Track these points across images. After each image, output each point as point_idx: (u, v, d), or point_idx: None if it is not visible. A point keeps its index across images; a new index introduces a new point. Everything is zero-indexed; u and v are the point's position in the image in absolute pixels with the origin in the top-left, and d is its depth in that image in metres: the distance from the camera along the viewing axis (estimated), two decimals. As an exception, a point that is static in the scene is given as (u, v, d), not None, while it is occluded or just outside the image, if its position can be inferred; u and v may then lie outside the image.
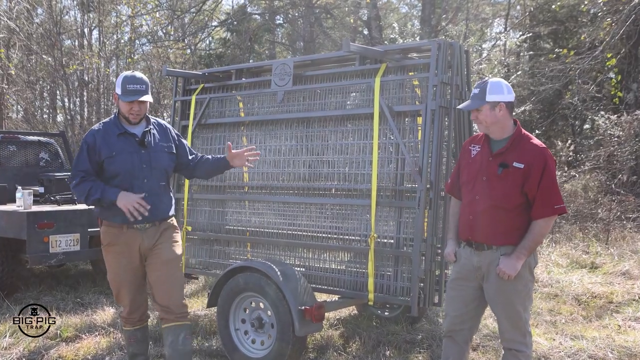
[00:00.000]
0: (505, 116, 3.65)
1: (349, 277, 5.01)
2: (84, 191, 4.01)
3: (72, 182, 4.09)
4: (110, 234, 4.15)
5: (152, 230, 4.17)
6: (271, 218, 5.53)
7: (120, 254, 4.16)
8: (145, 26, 18.51)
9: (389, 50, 5.00)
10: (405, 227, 4.75)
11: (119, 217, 4.04)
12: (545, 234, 3.64)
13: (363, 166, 4.96)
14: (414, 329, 5.70)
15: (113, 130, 4.12)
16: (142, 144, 4.14)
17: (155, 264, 4.16)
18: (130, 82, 4.02)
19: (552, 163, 3.58)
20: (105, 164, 4.06)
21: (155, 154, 4.18)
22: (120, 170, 4.05)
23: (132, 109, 4.07)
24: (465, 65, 5.01)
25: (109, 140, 4.08)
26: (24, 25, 16.69)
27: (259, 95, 5.72)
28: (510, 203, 3.60)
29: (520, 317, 3.68)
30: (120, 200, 3.94)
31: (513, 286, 3.63)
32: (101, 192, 3.97)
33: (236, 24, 17.49)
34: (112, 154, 4.04)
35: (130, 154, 4.08)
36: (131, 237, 4.12)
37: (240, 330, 4.98)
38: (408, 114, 4.82)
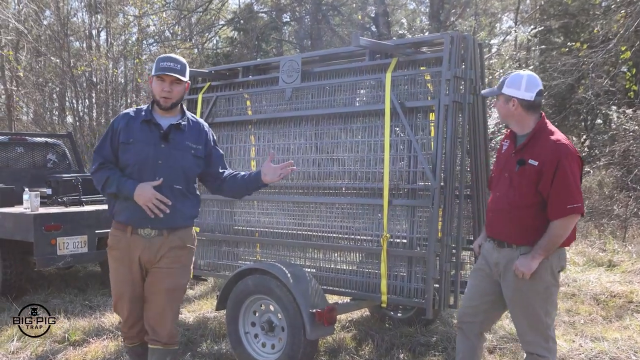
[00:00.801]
0: (521, 113, 3.55)
1: (361, 278, 4.87)
2: (101, 180, 3.62)
3: (92, 167, 3.72)
4: (113, 237, 3.73)
5: (158, 241, 3.65)
6: (280, 218, 5.41)
7: (119, 262, 3.71)
8: (152, 26, 18.45)
9: (400, 45, 4.86)
10: (418, 226, 4.61)
11: (123, 215, 3.64)
12: (564, 235, 3.44)
13: (374, 164, 4.82)
14: (428, 331, 5.56)
15: (140, 116, 3.69)
16: (164, 138, 3.64)
17: (154, 287, 3.69)
18: (164, 60, 3.63)
19: (569, 160, 3.40)
20: (119, 150, 3.64)
21: (176, 151, 3.66)
22: (131, 161, 3.61)
23: (164, 89, 3.59)
24: (479, 59, 4.87)
25: (131, 126, 3.65)
26: (32, 28, 16.67)
27: (266, 92, 5.59)
28: (526, 202, 3.50)
29: (540, 321, 3.54)
30: (139, 197, 3.50)
31: (531, 286, 3.51)
32: (117, 186, 3.56)
33: (243, 23, 17.38)
34: (128, 140, 3.61)
35: (147, 145, 3.61)
36: (133, 244, 3.64)
37: (250, 333, 4.85)
38: (420, 110, 4.68)
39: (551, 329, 3.59)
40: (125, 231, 3.65)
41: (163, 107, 3.64)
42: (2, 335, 5.65)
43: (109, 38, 19.71)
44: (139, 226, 3.63)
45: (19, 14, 16.73)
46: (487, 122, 5.08)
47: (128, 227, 3.64)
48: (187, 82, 3.71)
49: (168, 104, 3.63)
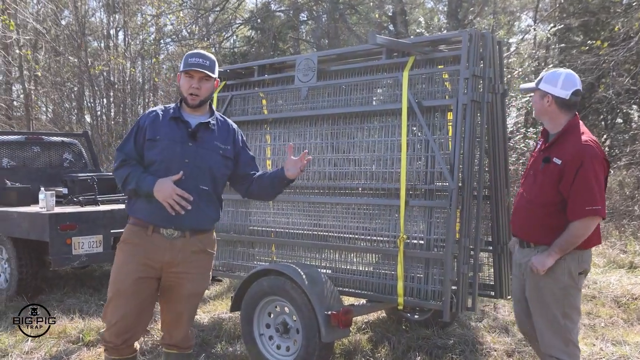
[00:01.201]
0: (555, 110, 3.54)
1: (377, 279, 4.80)
2: (122, 177, 3.45)
3: (114, 163, 3.56)
4: (131, 231, 3.52)
5: (180, 243, 3.48)
6: (296, 218, 5.34)
7: (131, 256, 3.47)
8: (169, 26, 18.49)
9: (417, 43, 4.79)
10: (435, 227, 4.54)
11: (144, 213, 3.45)
12: (581, 236, 3.38)
13: (391, 164, 4.75)
14: (445, 334, 5.47)
15: (167, 113, 3.56)
16: (192, 136, 3.51)
17: (173, 292, 3.56)
18: (193, 56, 3.51)
19: (593, 161, 3.35)
20: (145, 147, 3.48)
21: (204, 151, 3.53)
22: (158, 158, 3.45)
23: (192, 85, 3.47)
24: (498, 57, 4.78)
25: (158, 123, 3.51)
26: (50, 28, 16.76)
27: (282, 91, 5.54)
28: (546, 200, 3.48)
29: (557, 322, 3.49)
30: (158, 193, 3.33)
31: (547, 286, 3.50)
32: (136, 182, 3.39)
33: (260, 22, 17.36)
34: (155, 137, 3.46)
35: (175, 143, 3.47)
36: (152, 243, 3.45)
37: (265, 335, 4.80)
38: (438, 109, 4.61)
39: (572, 332, 3.52)
40: (146, 229, 3.46)
41: (191, 105, 3.52)
42: (17, 335, 5.63)
43: (126, 38, 19.80)
44: (162, 225, 3.44)
45: (37, 14, 16.83)
46: (506, 121, 4.99)
47: (150, 226, 3.45)
48: (216, 79, 3.61)
49: (196, 102, 3.51)
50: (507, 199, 4.98)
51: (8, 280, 7.30)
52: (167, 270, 3.49)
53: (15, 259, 7.13)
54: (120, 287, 3.46)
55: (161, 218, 3.42)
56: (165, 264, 3.47)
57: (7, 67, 18.34)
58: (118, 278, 3.49)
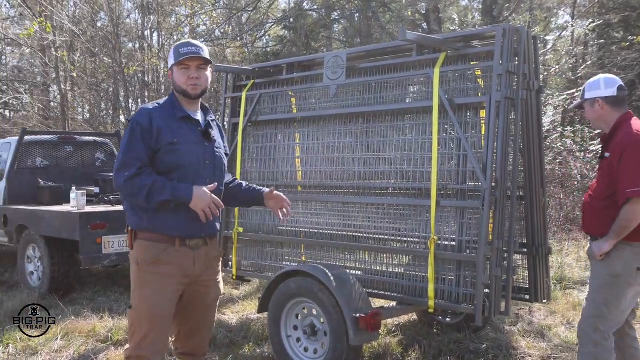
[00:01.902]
0: (608, 111, 3.68)
1: (408, 282, 4.68)
2: (143, 187, 3.04)
3: (124, 173, 3.08)
4: (157, 249, 3.17)
5: (203, 251, 3.30)
6: (325, 218, 5.24)
7: (170, 278, 3.18)
8: (203, 26, 18.55)
9: (449, 39, 4.65)
10: (468, 228, 4.40)
11: (170, 226, 3.17)
12: (631, 220, 3.47)
13: (422, 163, 4.62)
14: (478, 338, 5.33)
15: (173, 112, 3.26)
16: (206, 136, 3.32)
17: (200, 303, 3.38)
18: (184, 46, 3.24)
19: (633, 147, 3.50)
20: (162, 152, 3.15)
21: (218, 150, 3.38)
22: (183, 163, 3.18)
23: (190, 76, 3.21)
24: (534, 53, 4.63)
25: (170, 124, 3.20)
26: (86, 29, 16.93)
27: (311, 89, 5.45)
28: (604, 194, 3.63)
29: (595, 306, 3.64)
30: (198, 202, 3.09)
31: (600, 270, 3.65)
32: (171, 192, 3.05)
33: (292, 21, 17.32)
34: (174, 140, 3.16)
35: (196, 145, 3.25)
36: (183, 257, 3.21)
37: (292, 337, 4.72)
38: (470, 106, 4.46)
39: (605, 322, 3.60)
40: (173, 243, 3.19)
41: (193, 96, 3.25)
42: (47, 333, 5.64)
43: (160, 38, 19.91)
44: (189, 237, 3.23)
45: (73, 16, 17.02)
46: (541, 119, 4.83)
47: (176, 239, 3.19)
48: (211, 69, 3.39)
49: (198, 91, 3.26)
50: (543, 199, 4.82)
51: (41, 278, 7.38)
52: (195, 281, 3.30)
53: (48, 258, 7.19)
54: (161, 313, 3.19)
55: (190, 229, 3.21)
56: (195, 277, 3.28)
57: (45, 68, 18.59)
58: (154, 306, 3.16)
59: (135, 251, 3.23)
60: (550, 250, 4.94)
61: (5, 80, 20.06)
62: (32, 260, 7.65)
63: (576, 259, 8.74)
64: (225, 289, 7.60)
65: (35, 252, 7.52)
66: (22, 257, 7.78)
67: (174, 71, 3.28)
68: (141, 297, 3.18)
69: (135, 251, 3.22)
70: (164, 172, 3.15)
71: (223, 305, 6.81)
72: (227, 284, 7.81)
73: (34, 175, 8.57)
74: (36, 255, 7.51)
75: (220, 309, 6.62)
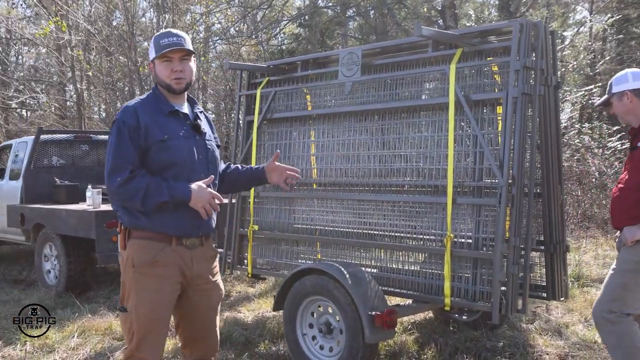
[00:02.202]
0: (636, 103, 3.67)
1: (424, 279, 4.64)
2: (138, 191, 2.88)
3: (116, 178, 2.90)
4: (153, 249, 3.00)
5: (200, 251, 3.15)
6: (341, 216, 5.22)
7: (166, 279, 3.02)
8: (217, 24, 18.57)
9: (465, 34, 4.60)
10: (484, 226, 4.36)
11: (167, 225, 3.01)
12: None
13: (439, 160, 4.58)
14: (494, 335, 5.28)
15: (159, 107, 3.09)
16: (196, 129, 3.17)
17: (203, 306, 3.21)
18: (164, 37, 3.06)
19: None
20: (153, 151, 2.98)
21: (210, 143, 3.23)
22: (176, 160, 3.02)
23: (174, 69, 3.04)
24: (551, 48, 4.58)
25: (158, 120, 3.04)
26: (102, 28, 17.01)
27: (326, 86, 5.42)
28: (632, 185, 3.61)
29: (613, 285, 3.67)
30: (197, 200, 2.95)
31: (625, 255, 3.65)
32: (169, 192, 2.91)
33: (307, 19, 17.29)
34: (164, 137, 3.00)
35: (187, 140, 3.09)
36: (180, 257, 3.06)
37: (308, 335, 4.70)
38: (487, 102, 4.42)
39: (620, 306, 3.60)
40: (170, 242, 3.03)
41: (177, 91, 3.09)
42: (64, 330, 5.67)
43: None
44: (186, 235, 3.08)
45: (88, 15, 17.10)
46: (559, 115, 4.77)
47: (173, 238, 3.04)
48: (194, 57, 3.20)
49: (182, 85, 3.09)
50: (560, 196, 4.77)
51: (58, 276, 7.43)
52: (193, 283, 3.14)
53: (64, 256, 7.24)
54: (159, 316, 3.04)
55: (187, 227, 3.07)
56: (193, 277, 3.12)
57: (60, 68, 18.70)
58: (152, 309, 3.01)
59: (129, 251, 3.03)
60: (568, 248, 4.89)
61: (22, 80, 20.19)
62: (48, 259, 7.71)
63: (594, 257, 8.67)
64: (241, 287, 7.62)
65: (52, 251, 7.57)
66: (39, 255, 7.84)
67: (155, 64, 3.11)
68: (138, 299, 2.99)
69: (130, 251, 3.03)
70: (158, 170, 3.00)
71: (239, 304, 6.81)
72: (242, 282, 7.83)
73: (50, 174, 8.64)
74: (53, 253, 7.56)
75: (236, 307, 6.63)
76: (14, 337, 5.52)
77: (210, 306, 3.26)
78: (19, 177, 8.73)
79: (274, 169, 3.40)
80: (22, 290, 7.75)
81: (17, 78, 20.47)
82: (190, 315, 3.21)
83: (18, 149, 9.11)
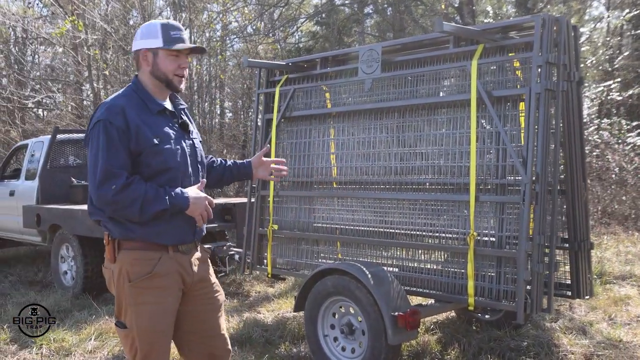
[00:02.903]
0: None
1: (446, 278, 4.59)
2: (136, 199, 2.65)
3: (110, 186, 2.64)
4: (149, 261, 2.76)
5: (195, 256, 2.96)
6: (361, 215, 5.17)
7: (167, 290, 2.81)
8: (235, 22, 18.55)
9: (487, 30, 4.53)
10: (508, 224, 4.30)
11: (165, 235, 2.79)
12: None
13: (460, 158, 4.53)
14: (518, 335, 5.21)
15: (145, 104, 2.83)
16: (184, 128, 2.94)
17: (209, 310, 3.00)
18: (174, 29, 2.85)
19: None
20: (145, 155, 2.73)
21: (196, 142, 3.00)
22: (171, 164, 2.79)
23: (182, 65, 2.86)
24: (574, 43, 4.51)
25: (148, 120, 2.78)
26: (118, 27, 17.04)
27: (345, 84, 5.37)
28: None
29: None
30: (195, 206, 2.77)
31: None
32: (169, 200, 2.70)
33: (324, 17, 17.23)
34: (156, 140, 2.75)
35: (178, 141, 2.85)
36: (178, 264, 2.84)
37: (330, 336, 4.66)
38: (509, 99, 4.35)
39: None
40: (167, 250, 2.81)
41: (178, 90, 2.90)
42: (80, 334, 5.65)
43: (192, 35, 19.95)
44: (182, 242, 2.87)
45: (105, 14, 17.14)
46: (582, 111, 4.70)
47: (169, 247, 2.82)
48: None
49: (183, 85, 2.93)
50: (584, 193, 4.70)
51: (74, 277, 7.40)
52: (195, 288, 2.95)
53: (81, 257, 7.23)
54: (162, 329, 2.83)
55: (183, 235, 2.87)
56: (194, 282, 2.93)
57: (77, 67, 18.76)
58: (157, 321, 2.80)
59: (122, 264, 2.77)
60: (592, 245, 4.82)
61: (38, 79, 20.29)
62: (65, 260, 7.70)
63: (615, 254, 8.55)
64: (260, 287, 7.59)
65: (69, 252, 7.56)
66: (56, 256, 7.82)
67: (158, 55, 2.84)
68: (138, 314, 2.76)
69: (123, 265, 2.76)
70: (150, 176, 2.76)
71: (258, 304, 6.78)
72: (261, 281, 7.80)
73: (66, 174, 8.62)
74: (69, 254, 7.55)
75: (255, 308, 6.60)
76: (29, 341, 5.47)
77: (216, 308, 3.03)
78: (35, 177, 8.72)
79: (261, 163, 3.26)
80: (39, 292, 7.73)
81: (33, 77, 20.57)
82: (197, 323, 2.97)
83: (34, 149, 9.11)
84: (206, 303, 2.98)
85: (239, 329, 5.65)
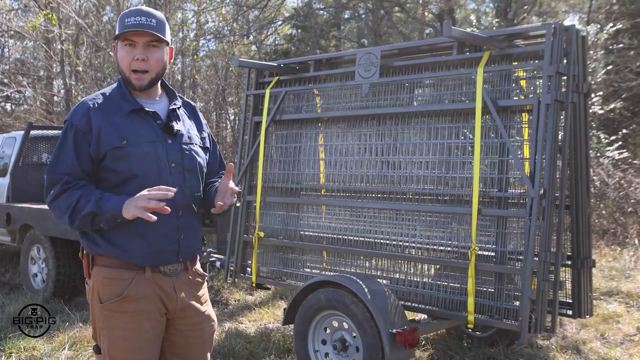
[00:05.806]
0: None
1: (444, 294, 4.39)
2: (68, 205, 2.33)
3: (49, 192, 2.40)
4: (121, 281, 2.42)
5: (184, 277, 2.57)
6: (353, 225, 4.94)
7: (143, 315, 2.44)
8: (211, 22, 18.26)
9: (494, 36, 4.35)
10: (509, 239, 4.12)
11: (139, 254, 2.44)
12: None
13: (462, 168, 4.34)
14: (512, 352, 5.04)
15: (120, 104, 2.49)
16: (168, 130, 2.53)
17: (194, 343, 2.63)
18: (133, 15, 2.43)
19: None
20: (108, 160, 2.41)
21: (188, 147, 2.59)
22: (138, 171, 2.42)
23: (135, 57, 2.43)
24: (582, 54, 4.36)
25: (115, 121, 2.44)
26: (92, 23, 16.67)
27: (339, 88, 5.14)
28: None
29: None
30: (128, 208, 2.27)
31: None
32: (96, 203, 2.31)
33: (302, 20, 17.04)
34: (121, 143, 2.41)
35: (153, 145, 2.47)
36: (157, 287, 2.47)
37: (321, 352, 4.44)
38: (515, 109, 4.19)
39: None
40: (143, 272, 2.45)
41: (137, 87, 2.48)
42: (53, 341, 5.32)
43: (166, 34, 19.62)
44: (163, 262, 2.50)
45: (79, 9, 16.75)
46: (588, 124, 4.55)
47: (146, 267, 2.45)
48: (170, 47, 2.56)
49: (144, 82, 2.48)
50: (588, 209, 4.54)
51: (45, 280, 7.09)
52: (180, 316, 2.57)
53: (53, 259, 6.91)
54: (139, 358, 2.47)
55: (161, 255, 2.49)
56: (179, 310, 2.55)
57: (49, 62, 18.31)
58: (133, 349, 2.44)
59: (94, 282, 2.46)
60: (594, 263, 4.66)
61: (7, 73, 19.76)
62: (36, 262, 7.36)
63: (599, 268, 8.45)
64: (239, 294, 7.32)
65: (40, 253, 7.22)
66: (26, 257, 7.47)
67: (117, 48, 2.50)
68: (111, 341, 2.44)
69: (95, 282, 2.46)
70: (118, 184, 2.43)
71: (239, 313, 6.51)
72: (240, 289, 7.53)
73: (40, 172, 8.26)
74: (41, 256, 7.22)
75: (236, 317, 6.33)
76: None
77: (203, 342, 2.66)
78: (6, 174, 8.37)
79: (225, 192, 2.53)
80: (6, 295, 7.38)
81: (2, 71, 20.04)
82: (180, 355, 2.63)
83: (5, 145, 8.74)
84: (188, 335, 2.60)
85: (220, 340, 5.38)
